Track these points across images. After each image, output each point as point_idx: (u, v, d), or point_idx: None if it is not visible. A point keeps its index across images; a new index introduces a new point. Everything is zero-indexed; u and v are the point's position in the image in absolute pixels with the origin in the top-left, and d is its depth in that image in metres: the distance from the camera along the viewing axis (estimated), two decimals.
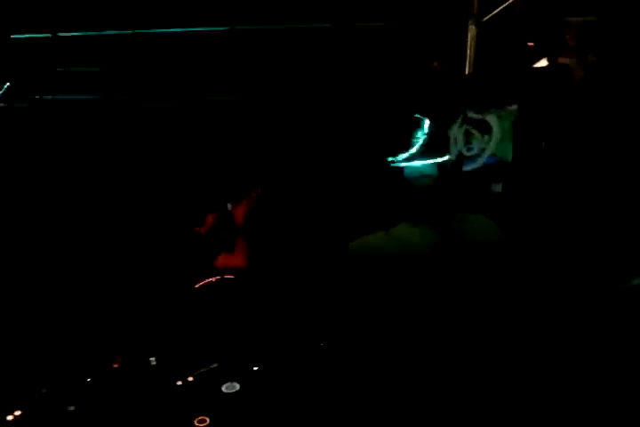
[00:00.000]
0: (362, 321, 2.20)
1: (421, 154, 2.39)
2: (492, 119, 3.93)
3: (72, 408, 2.60)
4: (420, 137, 2.43)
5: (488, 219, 2.23)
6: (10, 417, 2.56)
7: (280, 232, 4.04)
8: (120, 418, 2.58)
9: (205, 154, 4.48)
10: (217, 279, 3.45)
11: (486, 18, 4.53)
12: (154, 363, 2.85)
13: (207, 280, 3.45)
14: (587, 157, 3.56)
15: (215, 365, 2.80)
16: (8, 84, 4.81)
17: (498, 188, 3.94)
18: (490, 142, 3.95)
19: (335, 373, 2.52)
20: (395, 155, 2.24)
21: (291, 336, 2.95)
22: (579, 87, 3.82)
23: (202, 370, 2.78)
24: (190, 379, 2.74)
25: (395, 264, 1.97)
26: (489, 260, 2.12)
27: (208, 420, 2.55)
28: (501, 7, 4.44)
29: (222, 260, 3.71)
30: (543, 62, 4.12)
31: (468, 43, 4.51)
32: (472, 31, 4.52)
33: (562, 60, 4.00)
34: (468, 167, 4.00)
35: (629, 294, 3.16)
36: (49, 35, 4.97)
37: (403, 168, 2.28)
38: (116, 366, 2.82)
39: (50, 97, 5.02)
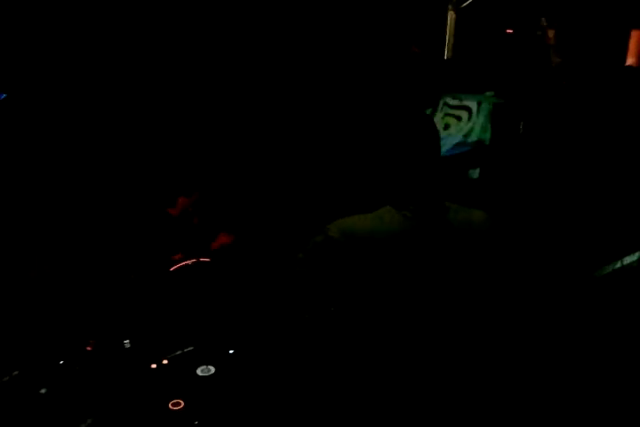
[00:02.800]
0: (339, 305, 2.17)
1: None
2: (472, 105, 3.94)
3: (44, 391, 2.57)
4: None
5: (484, 213, 2.15)
6: None
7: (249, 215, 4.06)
8: (93, 401, 2.56)
9: (177, 138, 4.46)
10: (193, 262, 3.44)
11: (465, 3, 4.53)
12: (128, 346, 2.82)
13: (183, 263, 3.43)
14: (565, 142, 3.57)
15: (190, 348, 2.78)
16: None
17: (475, 174, 3.94)
18: (469, 128, 3.95)
19: (312, 356, 2.51)
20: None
21: (266, 320, 2.94)
22: (557, 72, 3.84)
23: (177, 353, 2.76)
24: (165, 362, 2.72)
25: (378, 248, 1.92)
26: (475, 253, 2.06)
27: (182, 403, 2.53)
28: None
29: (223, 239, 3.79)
30: (523, 48, 4.13)
31: (448, 28, 4.51)
32: (451, 17, 4.52)
33: (540, 46, 4.01)
34: (446, 154, 3.99)
35: (604, 280, 3.18)
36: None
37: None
38: (89, 348, 2.79)
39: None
